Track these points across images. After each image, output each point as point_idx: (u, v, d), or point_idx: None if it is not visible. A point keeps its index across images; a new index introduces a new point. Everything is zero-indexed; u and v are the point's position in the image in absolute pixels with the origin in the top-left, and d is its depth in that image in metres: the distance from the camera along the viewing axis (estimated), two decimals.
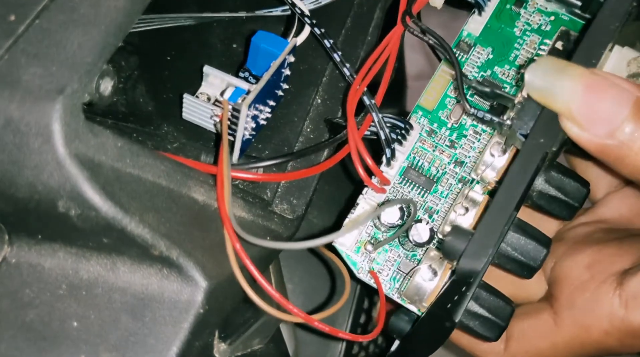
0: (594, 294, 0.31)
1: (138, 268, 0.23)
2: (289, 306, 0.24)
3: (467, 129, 0.32)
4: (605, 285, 0.30)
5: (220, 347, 0.28)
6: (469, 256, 0.25)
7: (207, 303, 0.23)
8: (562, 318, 0.31)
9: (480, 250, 0.25)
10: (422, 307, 0.30)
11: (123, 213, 0.21)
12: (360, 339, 0.29)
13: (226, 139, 0.25)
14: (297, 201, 0.30)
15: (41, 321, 0.23)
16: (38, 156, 0.20)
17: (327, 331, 0.25)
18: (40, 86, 0.20)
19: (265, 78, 0.28)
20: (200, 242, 0.24)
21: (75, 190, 0.20)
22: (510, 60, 0.33)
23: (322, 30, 0.31)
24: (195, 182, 0.25)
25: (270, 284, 0.23)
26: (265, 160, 0.28)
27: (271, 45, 0.29)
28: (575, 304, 0.31)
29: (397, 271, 0.31)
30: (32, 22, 0.21)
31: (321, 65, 0.33)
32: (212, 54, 0.33)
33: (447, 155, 0.32)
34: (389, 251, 0.31)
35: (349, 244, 0.31)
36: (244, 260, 0.23)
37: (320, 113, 0.32)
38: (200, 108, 0.28)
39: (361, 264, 0.31)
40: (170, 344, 0.22)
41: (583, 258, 0.32)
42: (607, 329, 0.30)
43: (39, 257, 0.23)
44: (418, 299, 0.29)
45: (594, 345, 0.31)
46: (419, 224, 0.29)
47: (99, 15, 0.22)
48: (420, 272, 0.29)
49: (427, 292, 0.29)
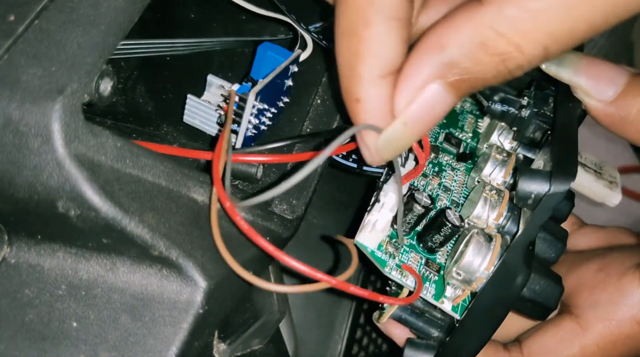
0: (616, 288, 0.30)
1: (137, 268, 0.23)
2: (317, 274, 0.22)
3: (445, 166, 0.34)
4: (627, 277, 0.30)
5: (219, 347, 0.28)
6: (558, 180, 0.25)
7: (206, 303, 0.23)
8: (587, 320, 0.31)
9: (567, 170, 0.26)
10: (470, 287, 0.28)
11: (123, 213, 0.21)
12: (397, 303, 0.28)
13: (229, 124, 0.25)
14: (296, 201, 0.30)
15: (41, 321, 0.23)
16: (37, 156, 0.20)
17: (366, 296, 0.24)
18: (39, 86, 0.20)
19: (272, 75, 0.28)
20: (199, 242, 0.24)
21: (75, 190, 0.20)
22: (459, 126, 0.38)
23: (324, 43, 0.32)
24: (195, 183, 0.25)
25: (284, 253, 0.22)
26: (269, 143, 0.28)
27: (277, 54, 0.30)
28: (599, 302, 0.31)
29: (425, 268, 0.30)
30: (32, 23, 0.21)
31: (321, 65, 0.33)
32: (212, 54, 0.34)
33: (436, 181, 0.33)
34: (410, 252, 0.30)
35: (373, 243, 0.30)
36: (236, 220, 0.22)
37: (320, 113, 0.32)
38: (203, 110, 0.28)
39: (389, 262, 0.30)
40: (170, 344, 0.22)
41: (591, 265, 0.32)
42: (638, 317, 0.30)
43: (38, 257, 0.23)
44: (468, 278, 0.28)
45: (626, 340, 0.30)
46: (448, 209, 0.29)
47: (98, 15, 0.22)
48: (474, 245, 0.28)
49: (481, 268, 0.28)
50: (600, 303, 0.31)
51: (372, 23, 0.21)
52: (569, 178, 0.25)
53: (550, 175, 0.26)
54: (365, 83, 0.22)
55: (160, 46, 0.32)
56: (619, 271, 0.31)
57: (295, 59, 0.30)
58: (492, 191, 0.30)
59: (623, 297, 0.30)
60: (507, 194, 0.30)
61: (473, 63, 0.21)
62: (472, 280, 0.28)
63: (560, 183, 0.25)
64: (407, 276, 0.29)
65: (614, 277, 0.31)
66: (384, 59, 0.22)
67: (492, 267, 0.27)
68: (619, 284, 0.30)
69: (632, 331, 0.30)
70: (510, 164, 0.32)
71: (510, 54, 0.20)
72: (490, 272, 0.27)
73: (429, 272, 0.30)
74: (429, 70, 0.21)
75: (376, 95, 0.22)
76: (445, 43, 0.21)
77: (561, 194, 0.26)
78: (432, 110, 0.22)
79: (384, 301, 0.26)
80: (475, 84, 0.22)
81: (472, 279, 0.28)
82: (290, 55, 0.30)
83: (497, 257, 0.28)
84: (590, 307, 0.31)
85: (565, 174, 0.26)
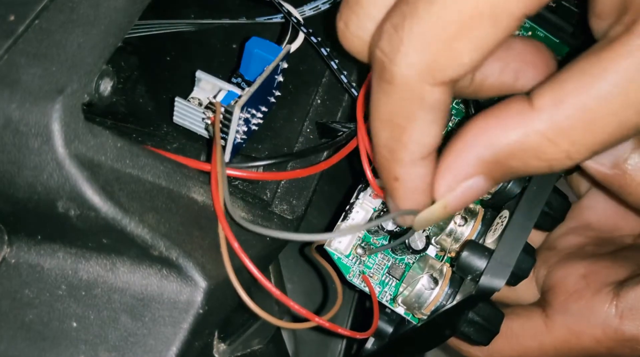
0: (589, 303, 0.31)
1: (137, 268, 0.23)
2: (291, 303, 0.24)
3: None
4: (601, 295, 0.31)
5: (219, 347, 0.28)
6: (491, 274, 0.25)
7: (206, 303, 0.23)
8: (553, 322, 0.32)
9: (501, 269, 0.25)
10: (420, 315, 0.30)
11: (123, 213, 0.21)
12: (358, 337, 0.29)
13: (219, 138, 0.25)
14: (296, 201, 0.30)
15: (40, 321, 0.23)
16: (37, 156, 0.20)
17: (327, 326, 0.25)
18: (39, 86, 0.20)
19: (259, 81, 0.28)
20: (199, 243, 0.24)
21: (75, 190, 0.20)
22: None
23: (318, 39, 0.31)
24: (195, 183, 0.25)
25: (270, 282, 0.23)
26: (263, 160, 0.28)
27: (265, 51, 0.29)
28: (569, 310, 0.32)
29: (386, 275, 0.31)
30: (32, 23, 0.21)
31: (321, 66, 0.33)
32: (211, 54, 0.33)
33: None
34: (378, 255, 0.31)
35: (342, 248, 0.31)
36: (242, 258, 0.23)
37: (320, 113, 0.32)
38: (191, 112, 0.28)
39: (353, 268, 0.31)
40: (170, 345, 0.22)
41: (578, 268, 0.33)
42: (599, 337, 0.31)
43: (38, 257, 0.23)
44: (417, 307, 0.29)
45: (582, 351, 0.31)
46: (415, 233, 0.30)
47: (98, 15, 0.22)
48: (422, 280, 0.29)
49: (427, 301, 0.29)
50: (570, 312, 0.31)
51: (417, 118, 0.21)
52: (500, 281, 0.26)
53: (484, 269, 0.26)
54: (406, 165, 0.22)
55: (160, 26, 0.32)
56: (598, 284, 0.31)
57: (284, 55, 0.29)
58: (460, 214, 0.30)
59: (591, 314, 0.31)
60: (481, 212, 0.30)
61: (520, 164, 0.21)
62: (416, 312, 0.30)
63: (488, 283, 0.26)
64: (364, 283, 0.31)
65: (591, 290, 0.31)
66: (426, 145, 0.22)
67: (434, 305, 0.29)
68: (592, 300, 0.31)
69: (589, 345, 0.31)
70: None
71: (559, 160, 0.20)
72: (429, 313, 0.29)
73: (390, 278, 0.31)
74: (475, 164, 0.22)
75: (415, 175, 0.22)
76: (494, 143, 0.21)
77: (489, 293, 0.26)
78: (471, 198, 0.23)
79: (342, 333, 0.28)
80: (517, 176, 0.22)
81: (415, 311, 0.30)
82: (279, 52, 0.29)
83: (438, 300, 0.29)
84: (561, 312, 0.32)
85: (498, 276, 0.26)
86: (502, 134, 0.21)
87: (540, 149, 0.20)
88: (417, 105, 0.21)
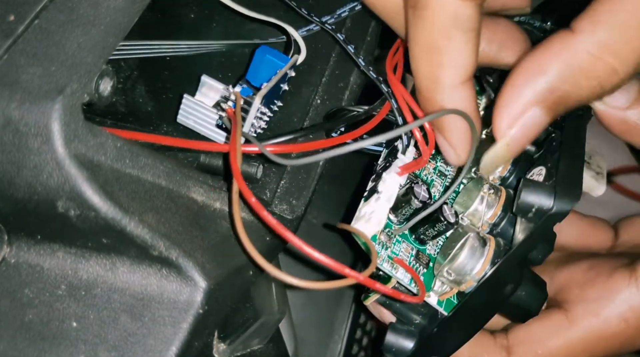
0: (606, 285, 0.31)
1: (137, 268, 0.23)
2: (344, 270, 0.21)
3: None
4: (617, 275, 0.31)
5: (219, 347, 0.28)
6: (562, 193, 0.25)
7: (206, 303, 0.23)
8: (575, 313, 0.31)
9: (571, 188, 0.26)
10: (458, 287, 0.29)
11: (122, 213, 0.21)
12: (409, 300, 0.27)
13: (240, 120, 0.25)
14: (296, 201, 0.30)
15: (40, 321, 0.23)
16: (37, 156, 0.20)
17: (389, 292, 0.25)
18: (39, 86, 0.20)
19: (276, 79, 0.28)
20: (199, 243, 0.24)
21: (75, 190, 0.20)
22: None
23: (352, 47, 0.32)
24: (195, 183, 0.25)
25: (307, 244, 0.21)
26: (277, 137, 0.28)
27: (276, 58, 0.30)
28: (588, 297, 0.31)
29: (413, 262, 0.30)
30: (32, 22, 0.21)
31: (321, 65, 0.33)
32: (211, 54, 0.33)
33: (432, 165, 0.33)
34: (402, 242, 0.30)
35: (368, 233, 0.29)
36: (263, 215, 0.21)
37: (320, 113, 0.32)
38: (199, 111, 0.28)
39: (381, 253, 0.29)
40: (170, 345, 0.22)
41: (580, 265, 0.33)
42: (626, 315, 0.30)
43: (38, 257, 0.23)
44: (458, 279, 0.28)
45: (610, 338, 0.31)
46: (445, 205, 0.29)
47: (98, 15, 0.22)
48: (468, 249, 0.28)
49: (472, 272, 0.28)
50: (590, 299, 0.31)
51: (453, 36, 0.23)
52: (574, 199, 0.26)
53: (555, 193, 0.26)
54: (448, 90, 0.24)
55: (160, 48, 0.32)
56: (609, 269, 0.31)
57: (293, 63, 0.30)
58: (490, 190, 0.30)
59: (612, 294, 0.31)
60: (504, 194, 0.30)
61: (572, 86, 0.23)
62: (462, 281, 0.29)
63: (565, 203, 0.26)
64: (397, 268, 0.30)
65: (604, 275, 0.31)
66: (464, 67, 0.24)
67: (483, 271, 0.28)
68: (609, 281, 0.31)
69: (618, 328, 0.31)
70: None
71: (607, 75, 0.22)
72: (480, 277, 0.28)
73: (419, 265, 0.30)
74: (530, 96, 0.23)
75: (459, 100, 0.24)
76: (545, 69, 0.23)
77: (564, 214, 0.26)
78: (532, 132, 0.24)
79: (404, 299, 0.27)
80: (571, 104, 0.23)
81: (462, 281, 0.29)
82: (288, 60, 0.30)
83: (489, 262, 0.28)
84: (579, 302, 0.31)
85: (570, 196, 0.26)
86: (551, 61, 0.22)
87: (588, 67, 0.22)
88: (451, 24, 0.23)
